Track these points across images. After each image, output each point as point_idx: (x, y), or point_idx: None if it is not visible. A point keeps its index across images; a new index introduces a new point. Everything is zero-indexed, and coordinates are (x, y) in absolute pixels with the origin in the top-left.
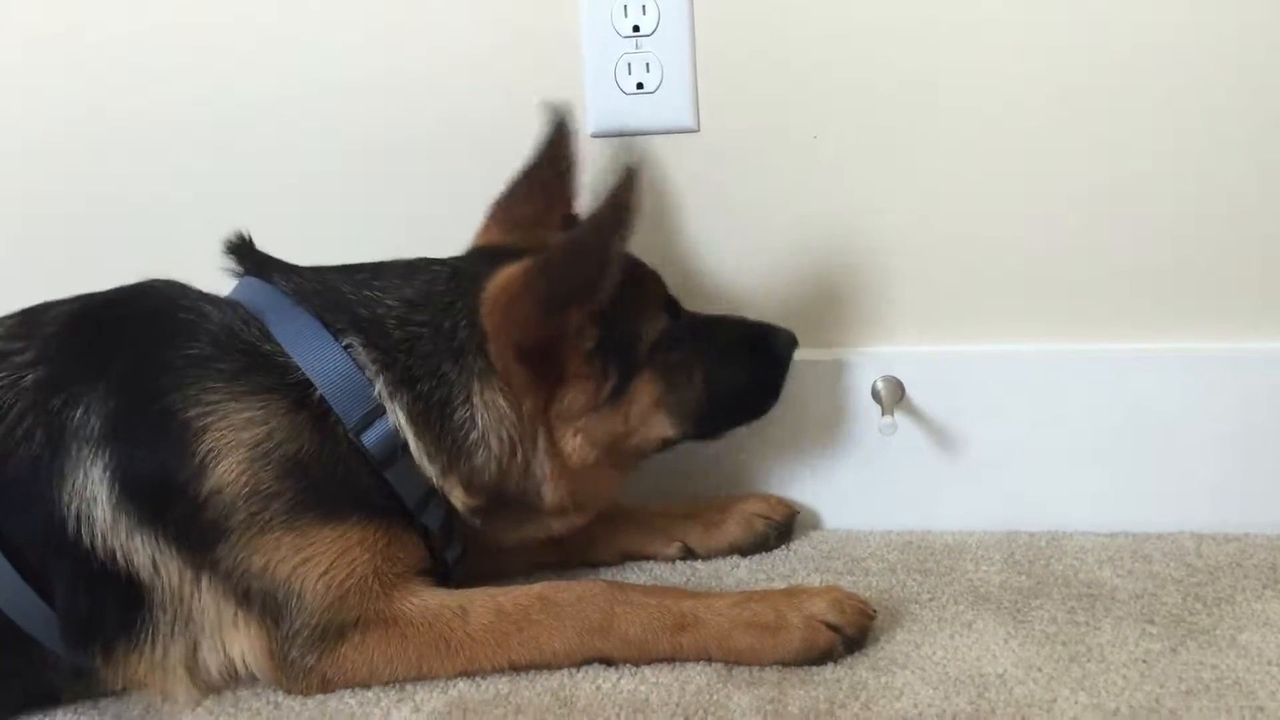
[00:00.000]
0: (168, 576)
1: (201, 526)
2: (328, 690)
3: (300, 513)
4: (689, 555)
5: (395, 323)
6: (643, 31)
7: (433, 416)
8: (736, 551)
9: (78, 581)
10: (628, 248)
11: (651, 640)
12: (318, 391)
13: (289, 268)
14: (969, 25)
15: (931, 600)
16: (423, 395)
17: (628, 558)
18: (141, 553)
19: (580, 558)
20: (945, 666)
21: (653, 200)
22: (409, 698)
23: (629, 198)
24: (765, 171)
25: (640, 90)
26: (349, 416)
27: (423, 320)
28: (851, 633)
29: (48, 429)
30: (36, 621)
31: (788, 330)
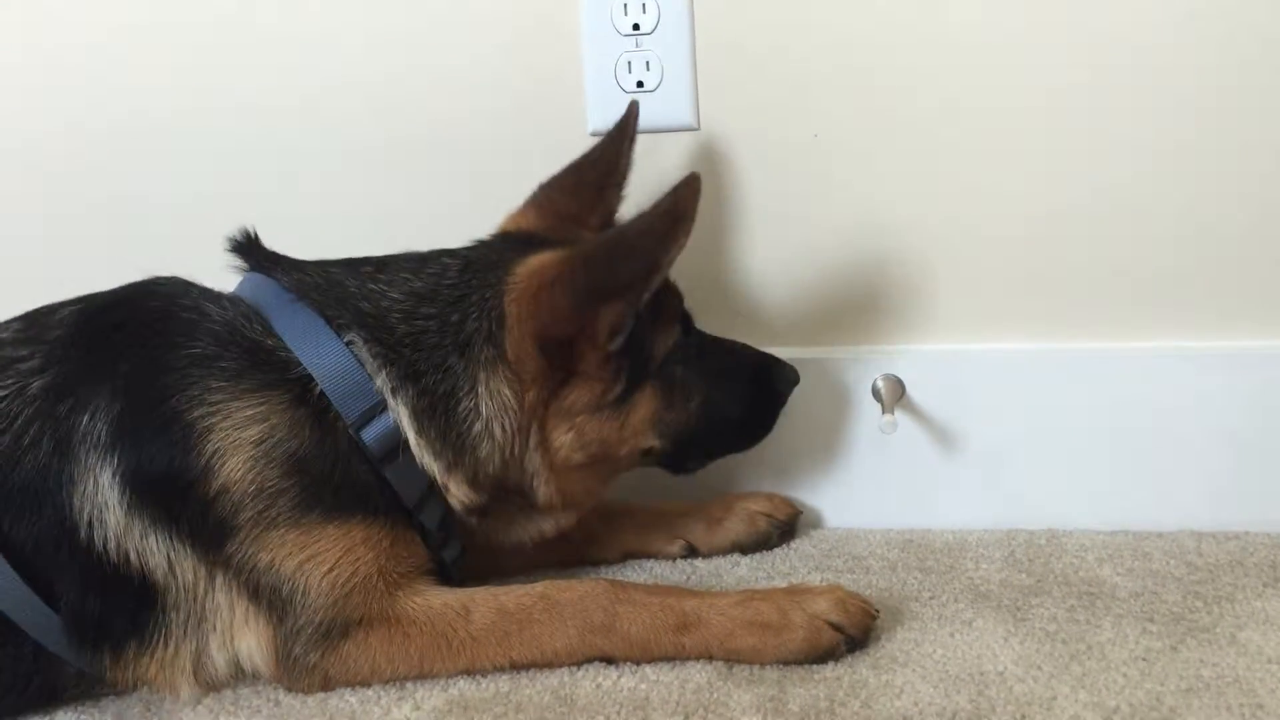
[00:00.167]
0: (182, 575)
1: (212, 524)
2: (329, 688)
3: (305, 510)
4: (691, 553)
5: (400, 317)
6: (643, 30)
7: (437, 411)
8: (738, 550)
9: (88, 585)
10: (679, 263)
11: (654, 640)
12: (318, 387)
13: (293, 263)
14: (969, 25)
15: (932, 598)
16: (428, 390)
17: (630, 556)
18: (157, 553)
19: (582, 556)
20: (945, 664)
21: (652, 199)
22: (409, 695)
23: (689, 205)
24: (765, 170)
25: (640, 89)
26: (349, 412)
27: (430, 314)
28: (854, 632)
29: (55, 435)
30: (40, 625)
31: (791, 367)
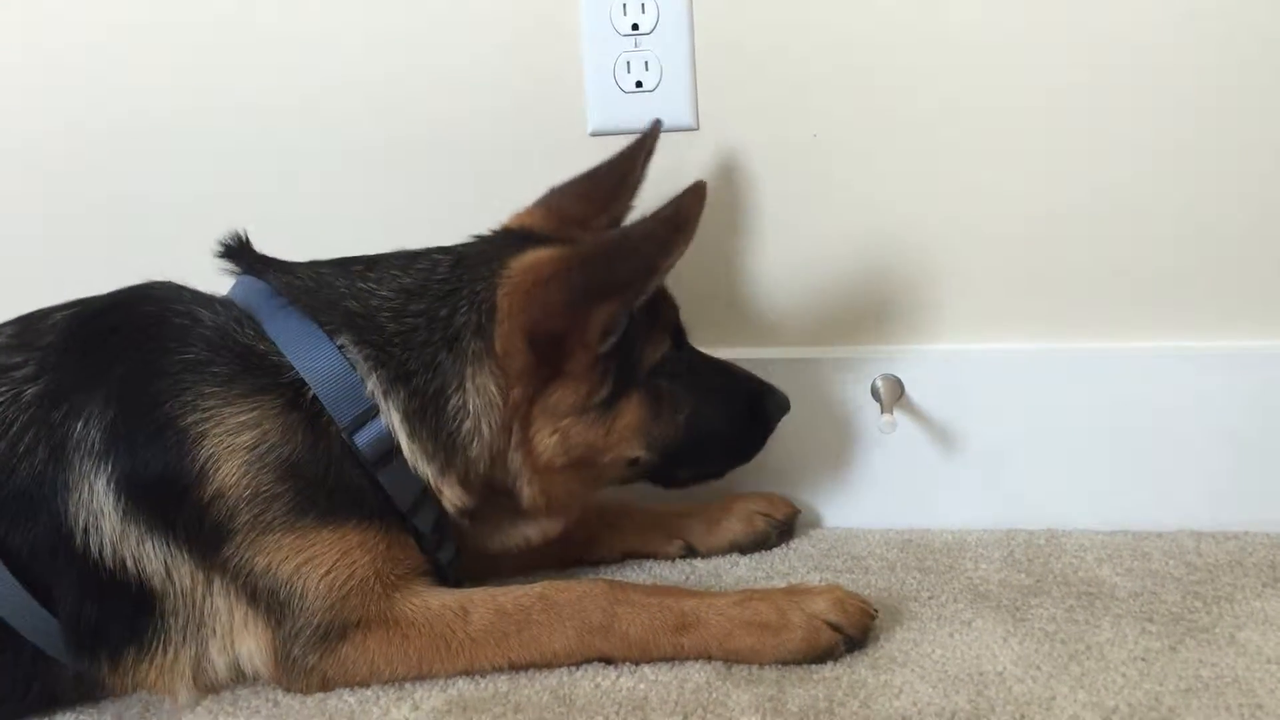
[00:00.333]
0: (180, 580)
1: (208, 529)
2: (328, 689)
3: (300, 514)
4: (690, 553)
5: (390, 315)
6: (642, 30)
7: (428, 412)
8: (737, 549)
9: (85, 591)
10: (678, 264)
11: (653, 640)
12: (311, 392)
13: (283, 265)
14: (969, 25)
15: (931, 598)
16: (418, 390)
17: (629, 556)
18: (154, 559)
19: (581, 556)
20: (944, 664)
21: (652, 199)
22: (408, 695)
23: (692, 212)
24: (764, 170)
25: (640, 89)
26: (341, 417)
27: (418, 310)
28: (853, 632)
29: (50, 443)
30: (39, 630)
31: (783, 394)
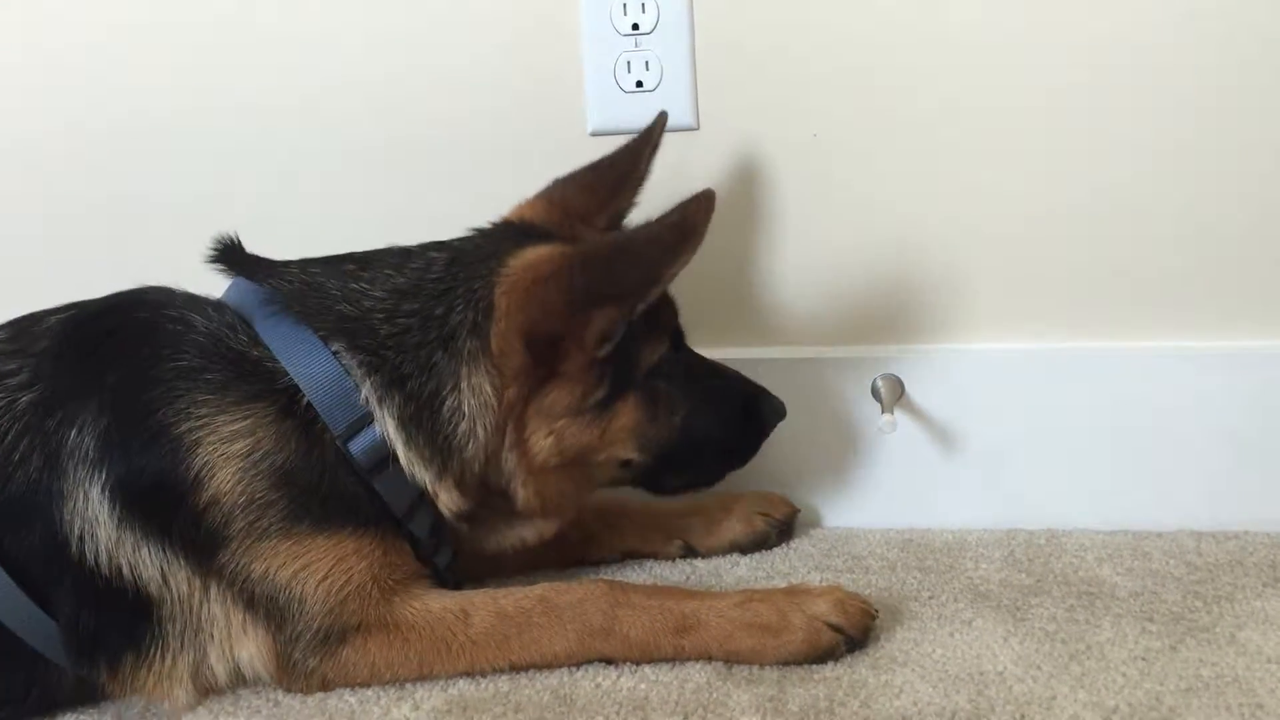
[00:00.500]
0: (177, 587)
1: (204, 535)
2: (328, 690)
3: (295, 521)
4: (690, 553)
5: (383, 317)
6: (642, 30)
7: (424, 416)
8: (737, 549)
9: (82, 598)
10: (683, 272)
11: (653, 642)
12: (305, 399)
13: (275, 268)
14: (969, 25)
15: (931, 598)
16: (413, 394)
17: (628, 556)
18: (150, 565)
19: (581, 556)
20: (945, 664)
21: (652, 199)
22: (408, 695)
23: (699, 220)
24: (764, 170)
25: (640, 88)
26: (335, 424)
27: (412, 310)
28: (854, 633)
29: (45, 451)
30: (39, 635)
31: (779, 400)
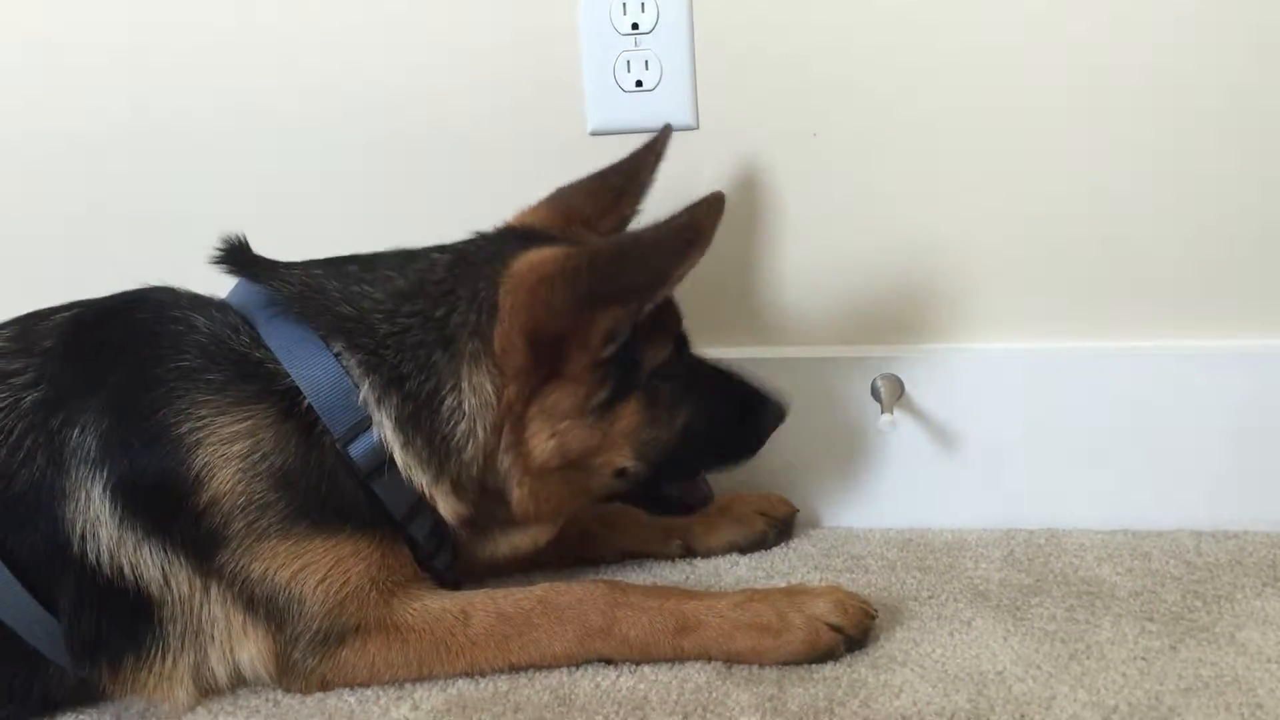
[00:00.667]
0: (177, 587)
1: (204, 535)
2: (328, 690)
3: (293, 523)
4: (689, 553)
5: (383, 317)
6: (642, 29)
7: (422, 416)
8: (736, 549)
9: (83, 598)
10: (689, 274)
11: (653, 643)
12: (305, 400)
13: (278, 269)
14: (970, 25)
15: (931, 598)
16: (411, 395)
17: (628, 556)
18: (151, 565)
19: (580, 556)
20: (944, 664)
21: (652, 199)
22: (408, 695)
23: (707, 223)
24: (765, 169)
25: (639, 88)
26: (335, 427)
27: (413, 311)
28: (853, 633)
29: (48, 450)
30: (40, 634)
31: (780, 402)
